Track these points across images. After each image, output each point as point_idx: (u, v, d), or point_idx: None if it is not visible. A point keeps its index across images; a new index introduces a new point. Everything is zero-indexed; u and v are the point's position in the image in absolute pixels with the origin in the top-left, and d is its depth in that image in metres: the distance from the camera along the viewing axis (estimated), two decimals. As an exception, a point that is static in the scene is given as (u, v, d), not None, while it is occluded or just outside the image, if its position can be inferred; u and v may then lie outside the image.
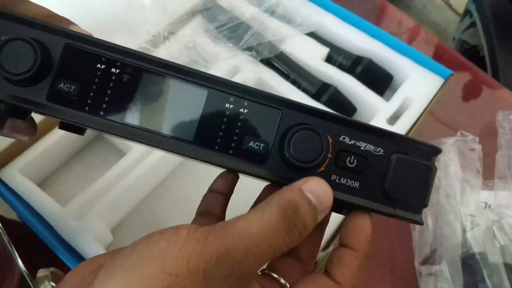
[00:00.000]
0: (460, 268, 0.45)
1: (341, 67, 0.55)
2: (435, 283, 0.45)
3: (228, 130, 0.23)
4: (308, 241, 0.27)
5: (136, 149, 0.46)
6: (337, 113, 0.24)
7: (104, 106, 0.23)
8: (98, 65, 0.23)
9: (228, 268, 0.19)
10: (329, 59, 0.57)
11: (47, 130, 0.47)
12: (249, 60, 0.52)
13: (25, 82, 0.22)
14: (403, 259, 0.49)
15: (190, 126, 0.23)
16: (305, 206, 0.21)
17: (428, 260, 0.47)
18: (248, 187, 0.29)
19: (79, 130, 0.29)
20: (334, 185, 0.23)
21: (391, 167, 0.23)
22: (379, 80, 0.56)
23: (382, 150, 0.24)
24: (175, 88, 0.23)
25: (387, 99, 0.53)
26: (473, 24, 1.03)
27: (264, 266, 0.26)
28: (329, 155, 0.23)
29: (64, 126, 0.28)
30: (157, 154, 0.46)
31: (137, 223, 0.47)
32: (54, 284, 0.22)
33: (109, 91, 0.23)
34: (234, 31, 0.52)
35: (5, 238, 0.47)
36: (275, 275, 0.25)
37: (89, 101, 0.23)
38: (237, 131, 0.23)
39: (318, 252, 0.28)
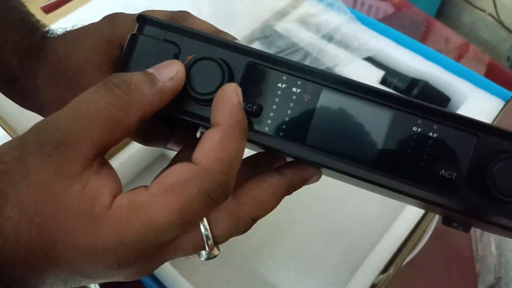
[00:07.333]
0: (528, 297, 0.43)
1: (396, 89, 0.56)
2: (501, 312, 0.44)
3: (414, 156, 0.21)
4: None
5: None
6: None
7: (284, 127, 0.22)
8: (279, 84, 0.22)
9: (43, 133, 0.19)
10: (384, 82, 0.57)
11: (116, 150, 0.50)
12: (306, 84, 0.53)
13: (209, 102, 0.22)
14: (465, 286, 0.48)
15: (372, 149, 0.22)
16: (133, 75, 0.20)
17: (493, 288, 0.46)
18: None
19: None
20: None
21: None
22: (436, 103, 0.56)
23: None
24: (356, 107, 0.22)
25: (445, 122, 0.53)
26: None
27: None
28: None
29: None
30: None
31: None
32: None
33: (289, 111, 0.22)
34: (292, 57, 0.53)
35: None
36: None
37: (269, 122, 0.22)
38: (424, 157, 0.21)
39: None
